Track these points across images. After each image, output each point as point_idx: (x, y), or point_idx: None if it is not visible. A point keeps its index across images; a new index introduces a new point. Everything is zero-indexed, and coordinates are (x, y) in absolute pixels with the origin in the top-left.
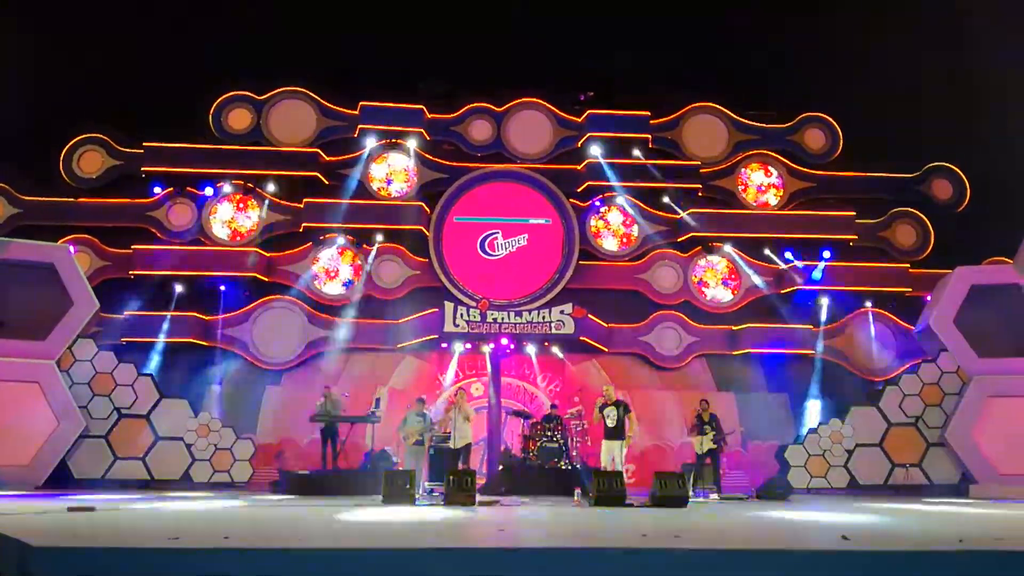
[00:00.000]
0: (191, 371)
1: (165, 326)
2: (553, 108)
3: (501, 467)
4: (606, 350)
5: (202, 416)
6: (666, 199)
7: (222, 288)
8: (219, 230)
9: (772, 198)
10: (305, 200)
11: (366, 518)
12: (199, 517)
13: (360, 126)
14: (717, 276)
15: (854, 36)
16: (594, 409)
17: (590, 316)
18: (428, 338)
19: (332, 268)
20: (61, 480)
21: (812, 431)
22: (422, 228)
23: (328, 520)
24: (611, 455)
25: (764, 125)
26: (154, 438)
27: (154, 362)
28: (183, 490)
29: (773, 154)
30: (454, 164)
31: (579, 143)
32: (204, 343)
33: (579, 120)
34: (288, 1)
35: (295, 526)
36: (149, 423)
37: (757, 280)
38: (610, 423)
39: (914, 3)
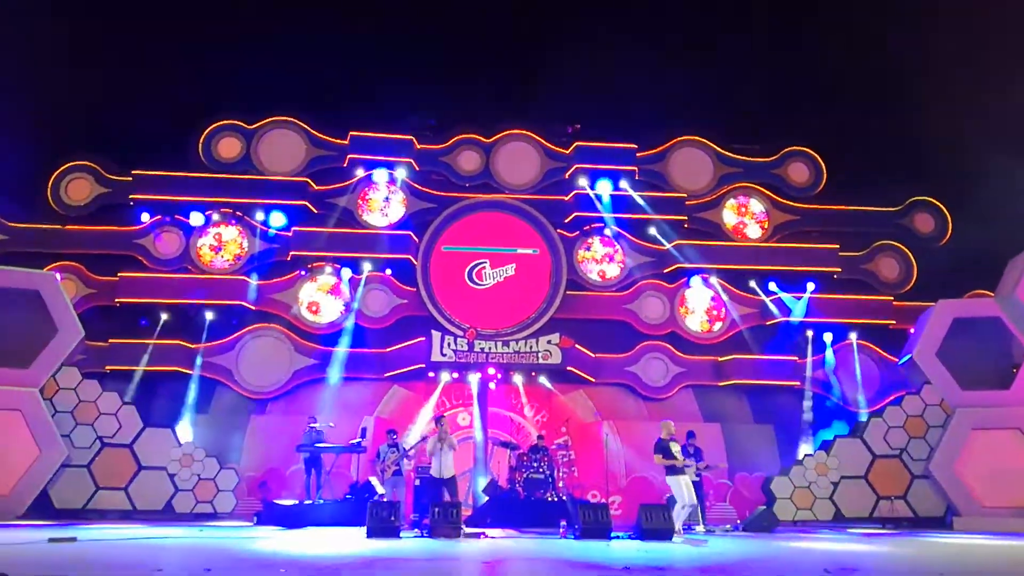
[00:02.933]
0: (175, 400)
1: (149, 355)
2: (541, 140)
3: (487, 498)
4: (593, 380)
5: (186, 446)
6: (652, 230)
7: (209, 316)
8: (207, 258)
9: (756, 231)
10: (294, 228)
11: (352, 550)
12: (181, 549)
13: (350, 156)
14: (704, 305)
15: (838, 71)
16: (671, 450)
17: (577, 346)
18: (415, 367)
19: (317, 300)
20: (42, 510)
21: (798, 463)
22: (410, 257)
23: (312, 552)
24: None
25: (748, 159)
26: (137, 468)
27: (138, 391)
28: (165, 521)
29: (758, 187)
30: (443, 194)
31: (567, 174)
32: (189, 372)
33: (567, 152)
34: (279, 31)
35: (278, 559)
36: (132, 453)
37: (735, 314)
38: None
39: (897, 39)
